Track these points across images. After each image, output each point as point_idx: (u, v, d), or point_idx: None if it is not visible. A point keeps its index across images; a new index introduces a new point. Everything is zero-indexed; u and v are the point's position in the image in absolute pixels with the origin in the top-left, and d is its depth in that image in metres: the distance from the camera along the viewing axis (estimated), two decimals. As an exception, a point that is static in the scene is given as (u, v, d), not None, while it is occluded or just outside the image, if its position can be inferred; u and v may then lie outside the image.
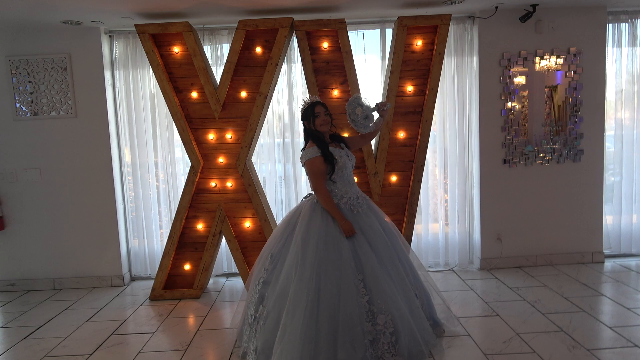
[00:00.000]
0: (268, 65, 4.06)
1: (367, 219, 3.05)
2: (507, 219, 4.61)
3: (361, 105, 3.16)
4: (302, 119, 3.15)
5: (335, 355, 2.67)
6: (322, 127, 3.08)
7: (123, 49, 4.55)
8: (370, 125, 3.22)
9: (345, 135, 4.14)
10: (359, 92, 4.07)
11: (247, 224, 4.30)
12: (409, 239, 4.25)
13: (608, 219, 4.79)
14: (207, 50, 4.49)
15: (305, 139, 3.18)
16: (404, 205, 4.28)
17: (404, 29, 4.02)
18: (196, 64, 4.06)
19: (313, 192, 3.12)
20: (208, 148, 4.23)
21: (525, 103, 4.52)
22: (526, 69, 4.48)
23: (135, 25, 4.03)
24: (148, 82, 4.61)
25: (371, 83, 4.55)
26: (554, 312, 3.59)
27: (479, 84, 4.49)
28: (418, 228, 4.67)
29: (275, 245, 3.09)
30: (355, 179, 4.13)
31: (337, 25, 4.00)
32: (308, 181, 4.64)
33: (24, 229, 4.56)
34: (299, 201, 3.36)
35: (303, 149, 3.15)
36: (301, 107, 3.17)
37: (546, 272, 4.46)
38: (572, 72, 4.50)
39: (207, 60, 4.21)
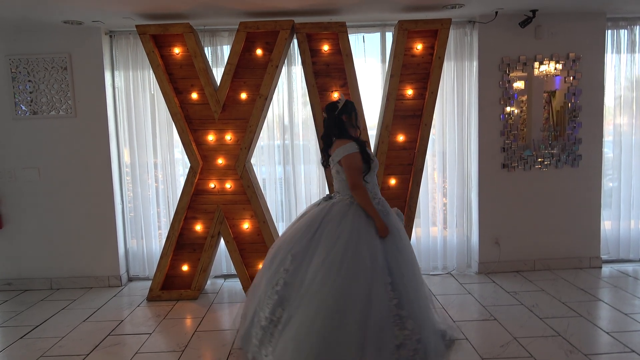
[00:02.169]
0: (268, 67, 4.06)
1: (392, 221, 2.96)
2: (506, 223, 4.62)
3: None
4: (340, 113, 2.99)
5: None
6: (361, 124, 3.08)
7: (123, 50, 4.55)
8: None
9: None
10: (359, 95, 4.08)
11: (246, 225, 4.29)
12: (407, 242, 4.25)
13: (606, 224, 4.80)
14: (208, 51, 4.49)
15: (330, 134, 3.04)
16: (402, 209, 4.28)
17: (405, 33, 4.03)
18: (197, 65, 4.07)
19: (338, 193, 3.03)
20: (207, 149, 4.23)
21: (524, 108, 4.54)
22: (525, 74, 4.50)
23: (136, 26, 4.03)
24: (148, 83, 4.61)
25: (371, 86, 4.56)
26: (551, 317, 3.59)
27: (479, 88, 4.50)
28: (417, 231, 4.68)
29: (296, 245, 2.90)
30: None
31: (338, 28, 4.01)
32: (310, 182, 4.68)
33: (22, 228, 4.55)
34: (317, 201, 3.18)
35: (331, 146, 3.04)
36: (340, 100, 3.03)
37: (544, 277, 4.47)
38: (571, 78, 4.51)
39: (208, 62, 4.22)
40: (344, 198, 3.00)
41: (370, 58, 4.59)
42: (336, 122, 3.01)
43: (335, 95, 3.14)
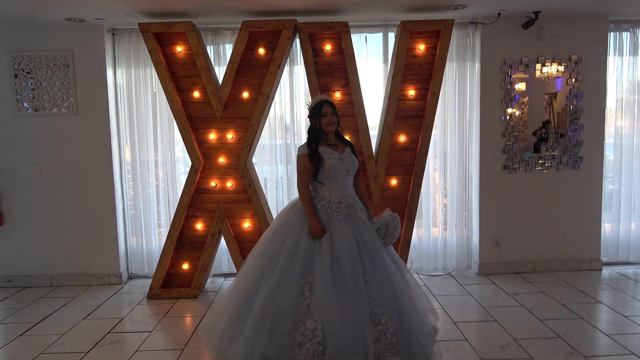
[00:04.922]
0: (270, 67, 4.06)
1: (339, 226, 3.00)
2: (506, 225, 4.62)
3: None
4: (309, 116, 3.15)
5: (254, 342, 2.79)
6: (328, 126, 3.09)
7: (126, 47, 4.55)
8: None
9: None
10: (360, 95, 4.08)
11: (247, 224, 4.30)
12: (408, 243, 4.25)
13: (606, 227, 4.80)
14: (210, 50, 4.48)
15: (307, 135, 3.17)
16: (403, 209, 4.28)
17: (407, 33, 4.03)
18: (199, 64, 4.07)
19: None
20: (209, 148, 4.23)
21: (525, 109, 4.54)
22: (527, 76, 4.50)
23: (139, 24, 4.03)
24: (150, 81, 4.61)
25: (373, 86, 4.56)
26: (551, 319, 3.60)
27: (480, 89, 4.50)
28: (419, 232, 4.68)
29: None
30: None
31: (340, 28, 4.01)
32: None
33: (23, 225, 4.55)
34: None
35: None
36: (309, 104, 3.18)
37: (544, 279, 4.47)
38: (573, 80, 4.51)
39: (210, 60, 4.22)
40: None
41: (372, 58, 4.59)
42: (310, 124, 3.19)
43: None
